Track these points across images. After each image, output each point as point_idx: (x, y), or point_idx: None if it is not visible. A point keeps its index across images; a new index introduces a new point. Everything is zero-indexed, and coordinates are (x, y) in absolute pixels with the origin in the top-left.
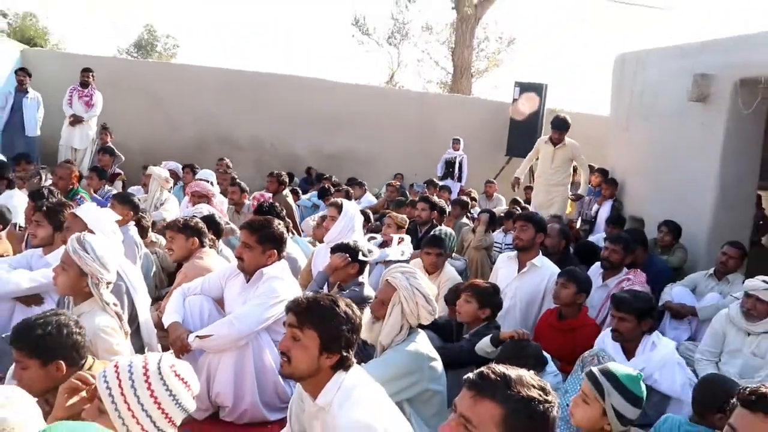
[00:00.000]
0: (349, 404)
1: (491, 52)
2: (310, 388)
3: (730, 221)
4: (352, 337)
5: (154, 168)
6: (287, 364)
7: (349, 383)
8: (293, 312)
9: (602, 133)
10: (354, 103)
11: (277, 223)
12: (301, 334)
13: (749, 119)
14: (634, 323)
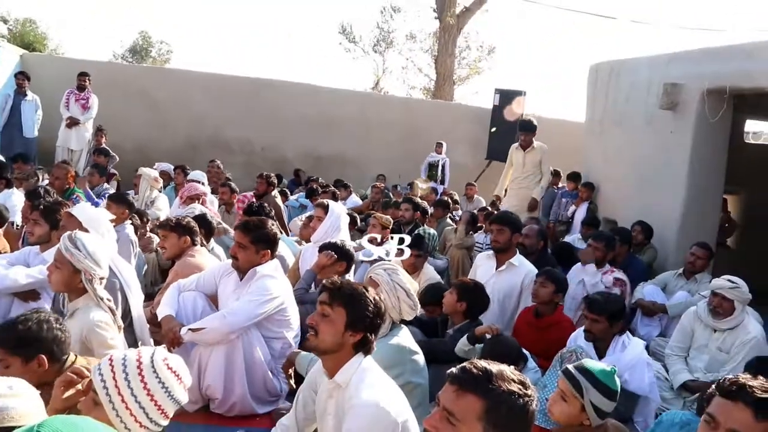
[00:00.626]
0: (365, 385)
1: (472, 60)
2: (331, 364)
3: (697, 223)
4: (376, 321)
5: (143, 168)
6: (314, 336)
7: (366, 365)
8: (327, 290)
9: (578, 138)
10: (341, 108)
11: (271, 223)
12: (331, 310)
13: (715, 127)
14: (606, 325)
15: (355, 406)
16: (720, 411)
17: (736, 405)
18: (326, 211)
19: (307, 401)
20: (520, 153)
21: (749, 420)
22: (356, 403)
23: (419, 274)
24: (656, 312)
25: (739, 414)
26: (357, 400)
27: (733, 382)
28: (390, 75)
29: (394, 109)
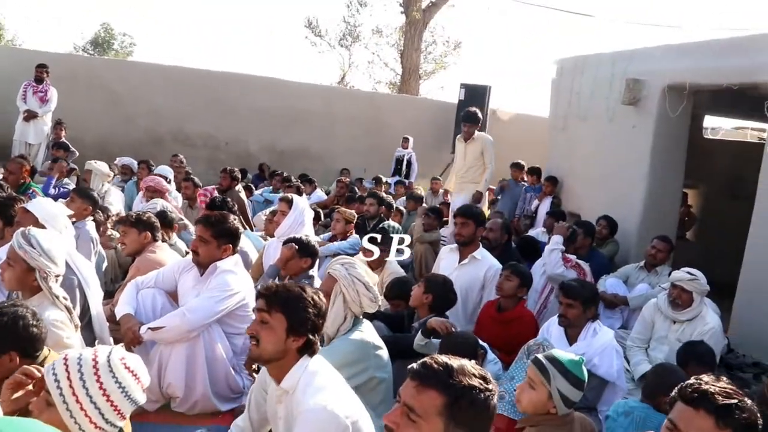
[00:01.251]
0: (312, 389)
1: (438, 55)
2: (276, 371)
3: (658, 217)
4: (318, 321)
5: (93, 162)
6: (255, 346)
7: (313, 368)
8: (263, 297)
9: (543, 133)
10: (306, 102)
11: (233, 218)
12: (269, 317)
13: (675, 122)
14: (581, 310)
15: (304, 411)
16: (682, 418)
17: (698, 412)
18: (290, 205)
19: (260, 402)
20: (462, 145)
21: (711, 427)
22: (304, 408)
23: (383, 269)
24: (618, 304)
25: (701, 422)
26: (305, 405)
27: (695, 388)
28: (356, 69)
29: (359, 103)
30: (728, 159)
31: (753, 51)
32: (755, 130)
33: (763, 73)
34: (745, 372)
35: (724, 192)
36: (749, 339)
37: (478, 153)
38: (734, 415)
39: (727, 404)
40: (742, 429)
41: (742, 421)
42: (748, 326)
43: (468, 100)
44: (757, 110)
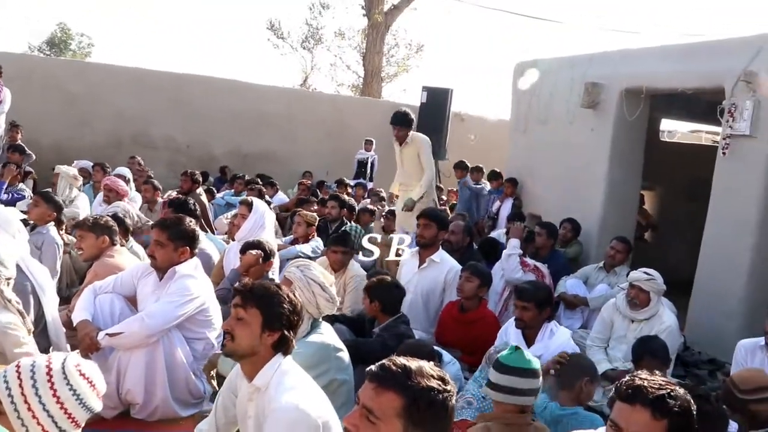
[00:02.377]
0: (284, 388)
1: (401, 58)
2: (249, 367)
3: (617, 218)
4: (293, 318)
5: (61, 167)
6: (230, 341)
7: (286, 368)
8: (239, 293)
9: (503, 136)
10: (268, 105)
11: (189, 220)
12: (245, 312)
13: (633, 125)
14: (536, 312)
15: (275, 410)
16: (621, 416)
17: (635, 408)
18: (250, 208)
19: (228, 405)
20: (398, 149)
21: (648, 420)
22: (276, 406)
23: (345, 271)
24: (578, 305)
25: (638, 416)
26: (276, 404)
27: (630, 385)
28: (318, 72)
29: (322, 106)
30: (684, 161)
31: (707, 57)
32: (709, 133)
33: (716, 78)
34: (701, 369)
35: (681, 194)
36: (705, 337)
37: (415, 156)
38: (668, 404)
39: (660, 395)
40: (677, 416)
41: (675, 409)
42: (703, 324)
43: (430, 103)
44: (711, 114)
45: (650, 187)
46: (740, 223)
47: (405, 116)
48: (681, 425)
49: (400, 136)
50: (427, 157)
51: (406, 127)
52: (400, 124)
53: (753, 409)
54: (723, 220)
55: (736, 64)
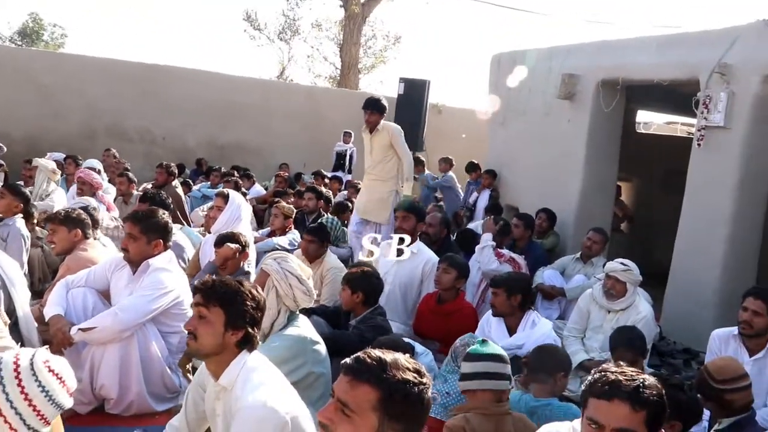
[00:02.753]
0: (251, 385)
1: (378, 50)
2: (214, 366)
3: (593, 209)
4: (256, 315)
5: (39, 160)
6: (193, 341)
7: (252, 365)
8: (200, 291)
9: (481, 127)
10: (244, 96)
11: (162, 212)
12: (207, 311)
13: (609, 117)
14: (504, 297)
15: (242, 408)
16: (600, 413)
17: (613, 403)
18: (226, 200)
19: (197, 400)
20: (367, 137)
21: (628, 413)
22: (243, 405)
23: (322, 263)
24: (555, 295)
25: (618, 411)
26: (243, 402)
27: (604, 381)
28: (295, 63)
29: (298, 97)
30: (660, 153)
31: (683, 49)
32: (685, 125)
33: (691, 69)
34: (676, 358)
35: (656, 185)
36: (679, 326)
37: (386, 145)
38: (644, 395)
39: (635, 387)
40: (653, 405)
41: (651, 398)
42: (678, 314)
43: (407, 94)
44: (686, 106)
45: (626, 178)
46: (715, 214)
47: (377, 102)
48: (657, 413)
49: (372, 122)
50: (403, 145)
51: (378, 113)
52: (373, 108)
53: (728, 398)
54: (698, 211)
55: (710, 56)
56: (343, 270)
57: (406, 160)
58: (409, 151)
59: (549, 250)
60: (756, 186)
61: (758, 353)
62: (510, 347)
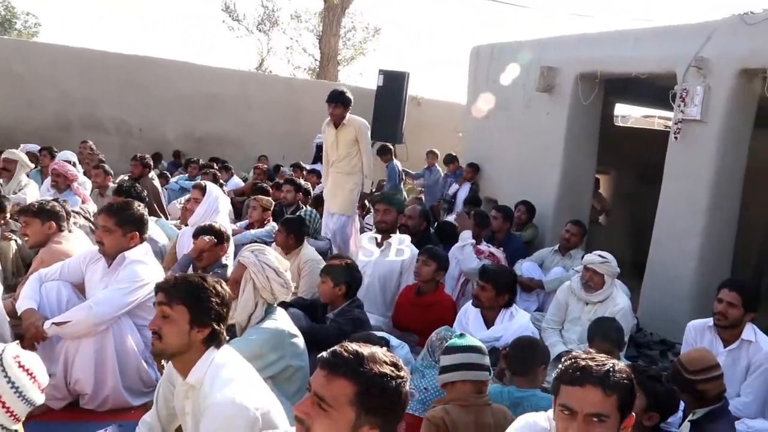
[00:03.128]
0: (220, 382)
1: (358, 41)
2: (181, 366)
3: (572, 202)
4: (222, 311)
5: (14, 151)
6: (158, 341)
7: (220, 361)
8: (162, 290)
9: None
10: (222, 87)
11: (137, 204)
12: (171, 310)
13: (588, 110)
14: (492, 293)
15: (211, 405)
16: (573, 399)
17: (585, 388)
18: (203, 192)
19: (168, 396)
20: (332, 131)
21: (601, 398)
22: (211, 402)
23: (298, 254)
24: (534, 288)
25: (591, 396)
26: (212, 399)
27: (575, 368)
28: (274, 55)
29: (277, 88)
30: (637, 146)
31: (660, 42)
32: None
33: (668, 63)
34: (652, 349)
35: (634, 178)
36: (656, 318)
37: (352, 140)
38: (615, 379)
39: (606, 371)
40: (624, 389)
41: (622, 382)
42: (655, 306)
43: (387, 86)
44: (663, 99)
45: (604, 171)
46: (691, 207)
47: (341, 94)
48: (628, 397)
49: (336, 115)
50: (367, 142)
51: (343, 106)
52: (338, 101)
53: (701, 388)
54: (674, 204)
55: (687, 49)
56: (321, 262)
57: (365, 159)
58: (370, 148)
59: (528, 243)
60: (731, 179)
61: (732, 344)
62: (488, 340)
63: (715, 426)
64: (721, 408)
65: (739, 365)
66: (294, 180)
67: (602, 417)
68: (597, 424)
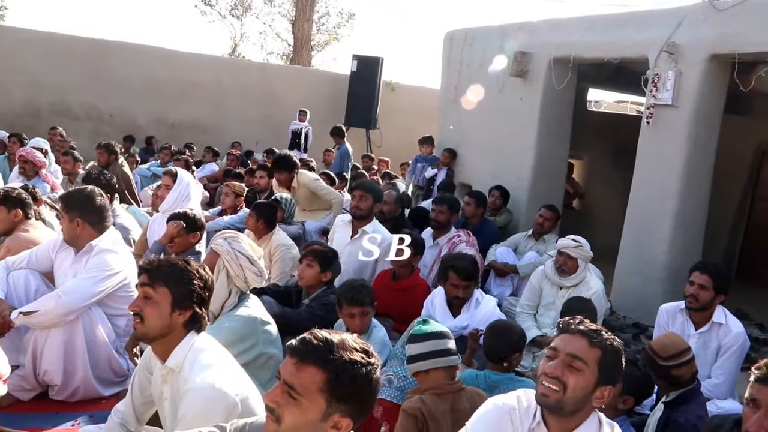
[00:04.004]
0: (199, 367)
1: (332, 27)
2: (161, 349)
3: (545, 187)
4: (204, 294)
5: None
6: (140, 324)
7: (200, 345)
8: (145, 271)
9: (434, 105)
10: (194, 73)
11: (90, 189)
12: (153, 292)
13: (561, 95)
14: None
15: (190, 390)
16: (560, 341)
17: (575, 336)
18: (174, 178)
19: (144, 384)
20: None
21: (585, 345)
22: (190, 386)
23: (269, 239)
24: (508, 273)
25: (576, 341)
26: (191, 384)
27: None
28: (247, 40)
29: (250, 74)
30: (610, 131)
31: (632, 27)
32: (634, 103)
33: (640, 48)
34: (625, 332)
35: (607, 162)
36: (629, 301)
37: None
38: (602, 336)
39: (595, 329)
40: (607, 350)
41: (607, 342)
42: (628, 289)
43: (360, 72)
44: (636, 84)
45: (577, 156)
46: (663, 191)
47: (284, 159)
48: (610, 361)
49: (282, 180)
50: (324, 189)
51: (288, 171)
52: (280, 168)
53: (675, 373)
54: (647, 188)
55: (659, 34)
56: (293, 248)
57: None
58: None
59: (502, 228)
60: (702, 163)
61: (704, 326)
62: (455, 329)
63: (688, 407)
64: (693, 389)
65: (709, 347)
66: (267, 166)
67: (578, 359)
68: (573, 370)
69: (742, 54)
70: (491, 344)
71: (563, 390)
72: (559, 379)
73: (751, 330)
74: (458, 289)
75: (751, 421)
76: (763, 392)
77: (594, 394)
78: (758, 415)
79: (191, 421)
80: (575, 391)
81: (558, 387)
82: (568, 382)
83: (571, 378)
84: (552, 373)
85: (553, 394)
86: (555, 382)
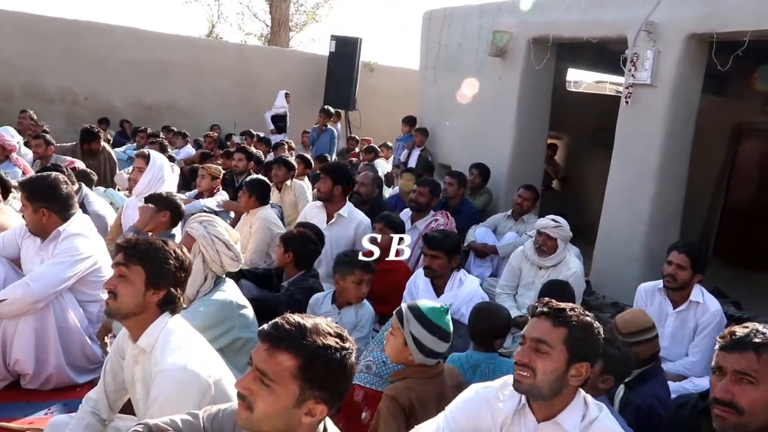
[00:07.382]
0: (170, 348)
1: (310, 7)
2: (134, 327)
3: (524, 167)
4: (179, 274)
5: None
6: (113, 300)
7: (172, 327)
8: (122, 249)
9: (414, 85)
10: (171, 54)
11: (54, 176)
12: (127, 270)
13: (540, 74)
14: (445, 260)
15: (162, 371)
16: (528, 328)
17: (540, 319)
18: (147, 161)
19: (116, 369)
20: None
21: (550, 327)
22: (162, 368)
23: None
24: (488, 253)
25: (541, 325)
26: (162, 365)
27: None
28: (225, 21)
29: (228, 55)
30: (590, 111)
31: (611, 7)
32: (613, 84)
33: (619, 28)
34: (604, 312)
35: (587, 143)
36: (608, 281)
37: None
38: (565, 314)
39: (560, 308)
40: (574, 326)
41: (572, 319)
42: (607, 269)
43: (339, 53)
44: (615, 65)
45: (557, 136)
46: (641, 171)
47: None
48: (579, 337)
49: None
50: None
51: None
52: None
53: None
54: (626, 168)
55: (637, 14)
56: (273, 224)
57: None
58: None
59: (481, 209)
60: (681, 143)
61: (681, 305)
62: None
63: (645, 387)
64: (651, 369)
65: (687, 326)
66: (245, 148)
67: (543, 343)
68: (540, 354)
69: (720, 34)
70: (476, 327)
71: (533, 375)
72: (528, 365)
73: (727, 308)
74: (427, 259)
75: (718, 388)
76: (727, 359)
77: (569, 373)
78: (724, 381)
79: (164, 403)
80: (545, 374)
81: (528, 373)
82: (537, 366)
83: (539, 362)
84: (520, 361)
85: (525, 380)
86: (524, 368)
